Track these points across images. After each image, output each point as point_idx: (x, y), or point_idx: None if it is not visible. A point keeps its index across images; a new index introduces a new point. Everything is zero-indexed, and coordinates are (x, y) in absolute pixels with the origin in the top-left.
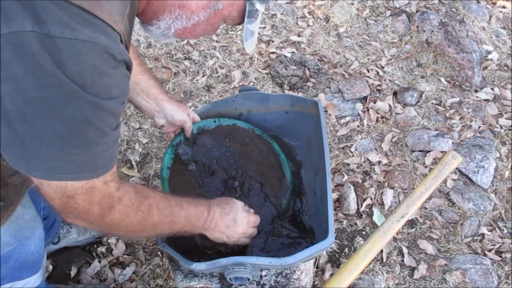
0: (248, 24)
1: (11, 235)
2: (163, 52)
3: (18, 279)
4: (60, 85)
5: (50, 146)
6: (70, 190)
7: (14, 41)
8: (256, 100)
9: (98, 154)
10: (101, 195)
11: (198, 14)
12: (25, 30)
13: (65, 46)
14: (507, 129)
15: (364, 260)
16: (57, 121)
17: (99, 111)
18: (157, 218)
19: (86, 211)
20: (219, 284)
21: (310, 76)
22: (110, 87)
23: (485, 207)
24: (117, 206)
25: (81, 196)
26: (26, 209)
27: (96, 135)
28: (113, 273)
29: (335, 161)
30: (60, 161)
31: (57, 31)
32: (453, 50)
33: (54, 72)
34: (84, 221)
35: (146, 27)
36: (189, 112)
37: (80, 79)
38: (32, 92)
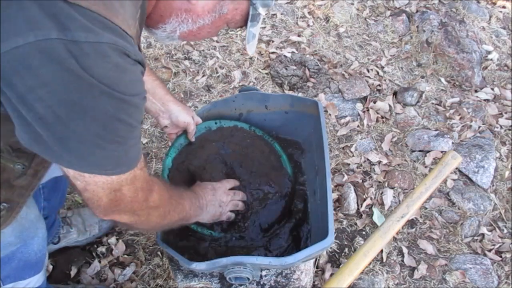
0: (250, 27)
1: (15, 235)
2: (163, 52)
3: (20, 279)
4: (89, 87)
5: (86, 145)
6: (117, 183)
7: (41, 49)
8: (256, 100)
9: (130, 148)
10: (142, 180)
11: (203, 17)
12: (51, 38)
13: (90, 49)
14: (507, 129)
15: (364, 260)
16: (90, 121)
17: (127, 107)
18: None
19: (133, 199)
20: (219, 284)
21: (310, 76)
22: (133, 84)
23: (485, 207)
24: (154, 187)
25: (126, 187)
26: (30, 209)
27: (127, 130)
28: (113, 273)
29: (335, 161)
30: (96, 159)
31: (81, 36)
32: (453, 50)
33: (82, 75)
34: (129, 212)
35: (151, 30)
36: (193, 114)
37: (107, 79)
38: (63, 96)
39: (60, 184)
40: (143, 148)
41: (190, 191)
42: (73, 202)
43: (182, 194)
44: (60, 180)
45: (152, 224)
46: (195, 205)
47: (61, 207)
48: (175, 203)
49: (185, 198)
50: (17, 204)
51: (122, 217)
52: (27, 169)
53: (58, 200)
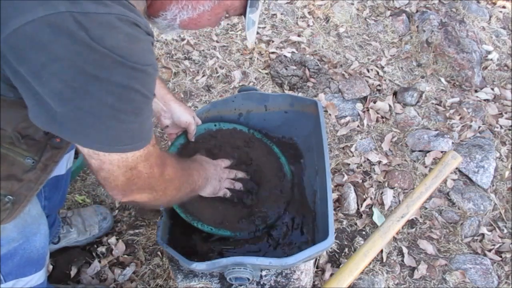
0: (250, 13)
1: (18, 231)
2: (163, 52)
3: (22, 276)
4: (101, 57)
5: (104, 117)
6: (132, 161)
7: (51, 23)
8: (255, 100)
9: (146, 120)
10: (155, 156)
11: (203, 3)
12: (60, 11)
13: (100, 20)
14: (507, 129)
15: (364, 260)
16: (105, 93)
17: (141, 77)
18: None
19: (150, 175)
20: (219, 284)
21: (310, 76)
22: (145, 53)
23: (485, 207)
24: (167, 161)
25: (141, 164)
26: (33, 204)
27: (142, 101)
28: (113, 273)
29: (335, 161)
30: (115, 131)
31: (91, 7)
32: (453, 50)
33: (93, 46)
34: (147, 189)
35: (152, 19)
36: (194, 115)
37: (119, 50)
38: (76, 69)
39: (61, 183)
40: None
41: (196, 162)
42: (73, 202)
43: (190, 165)
44: (61, 179)
45: (169, 198)
46: (202, 176)
47: (61, 207)
48: (187, 175)
49: (193, 169)
50: (24, 198)
51: (141, 195)
52: (37, 164)
53: (59, 199)
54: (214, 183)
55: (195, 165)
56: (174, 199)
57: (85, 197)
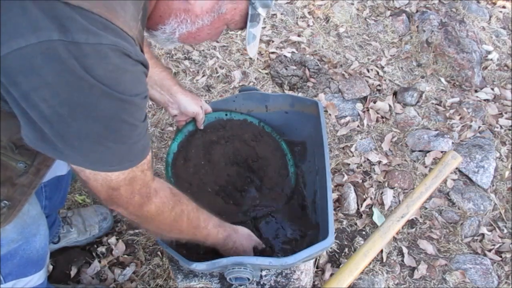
0: (250, 28)
1: (17, 232)
2: (163, 52)
3: (22, 276)
4: (90, 87)
5: (89, 143)
6: (115, 183)
7: (43, 50)
8: (256, 100)
9: (133, 145)
10: (141, 184)
11: (202, 18)
12: (52, 39)
13: (90, 51)
14: (507, 129)
15: (364, 260)
16: (91, 121)
17: (128, 107)
18: (185, 226)
19: (128, 201)
20: (219, 284)
21: (310, 76)
22: (133, 84)
23: (485, 207)
24: (154, 198)
25: (124, 188)
26: (32, 205)
27: (128, 129)
28: (113, 273)
29: (335, 161)
30: (100, 155)
31: (81, 37)
32: (453, 50)
33: (82, 76)
34: (126, 210)
35: (151, 32)
36: (202, 104)
37: (107, 80)
38: (65, 95)
39: (62, 183)
40: None
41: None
42: (73, 202)
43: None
44: (62, 179)
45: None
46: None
47: (61, 207)
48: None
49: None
50: (18, 202)
51: (122, 211)
52: (29, 168)
53: (60, 199)
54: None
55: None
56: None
57: (85, 197)
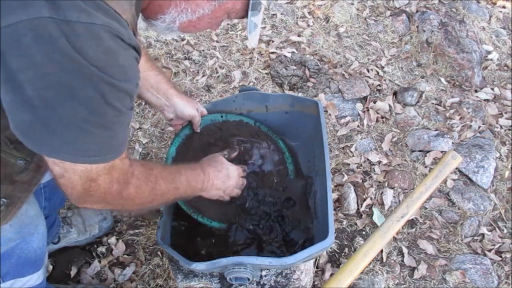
0: (252, 16)
1: (15, 231)
2: (163, 52)
3: (20, 276)
4: (79, 68)
5: (73, 129)
6: (95, 172)
7: (33, 27)
8: (256, 100)
9: (117, 134)
10: (119, 172)
11: (203, 6)
12: (42, 16)
13: (82, 30)
14: (507, 129)
15: (364, 260)
16: (77, 104)
17: (116, 92)
18: (163, 187)
19: (107, 191)
20: (219, 284)
21: (310, 76)
22: (125, 69)
23: (485, 207)
24: (131, 180)
25: (102, 177)
26: (30, 205)
27: (114, 115)
28: (113, 273)
29: (335, 161)
30: (83, 144)
31: (73, 16)
32: (453, 50)
33: (73, 56)
34: (102, 202)
35: (151, 21)
36: (198, 106)
37: (98, 62)
38: (52, 77)
39: None
40: (143, 148)
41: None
42: None
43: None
44: None
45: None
46: (195, 188)
47: (61, 207)
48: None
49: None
50: (18, 200)
51: (93, 206)
52: (29, 164)
53: (59, 200)
54: (213, 192)
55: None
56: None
57: None
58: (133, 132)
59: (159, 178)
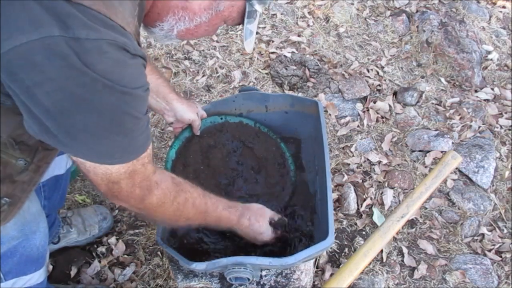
0: (247, 24)
1: (17, 229)
2: (163, 52)
3: (22, 274)
4: (92, 81)
5: (93, 136)
6: (115, 176)
7: (45, 46)
8: (256, 100)
9: (136, 137)
10: (141, 177)
11: (200, 15)
12: (53, 35)
13: (90, 46)
14: (507, 129)
15: (364, 260)
16: (96, 115)
17: (131, 100)
18: (192, 213)
19: (129, 194)
20: (219, 284)
21: (310, 76)
22: (134, 77)
23: (485, 207)
24: (155, 190)
25: (124, 181)
26: (32, 202)
27: (132, 122)
28: (113, 273)
29: (335, 161)
30: (104, 148)
31: (82, 33)
32: (453, 50)
33: (84, 71)
34: (127, 204)
35: (149, 29)
36: (197, 110)
37: (109, 74)
38: (68, 90)
39: (61, 182)
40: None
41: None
42: (73, 202)
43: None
44: (60, 178)
45: (155, 221)
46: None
47: (61, 207)
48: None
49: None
50: (19, 199)
51: (122, 204)
52: (29, 165)
53: (59, 199)
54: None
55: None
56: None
57: (85, 197)
58: None
59: (189, 203)
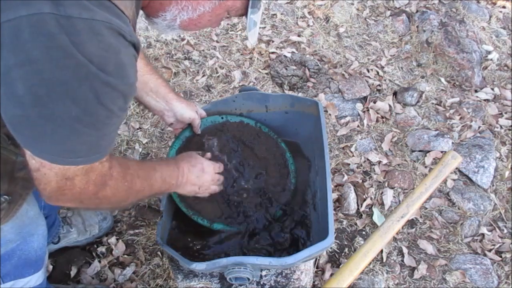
0: (251, 14)
1: (15, 232)
2: (163, 52)
3: (20, 277)
4: (76, 65)
5: (63, 128)
6: (72, 172)
7: (32, 23)
8: (256, 100)
9: (105, 135)
10: (97, 174)
11: (203, 4)
12: (43, 12)
13: (82, 26)
14: (507, 129)
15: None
16: (70, 102)
17: (111, 91)
18: (139, 185)
19: (82, 191)
20: (219, 284)
21: (310, 76)
22: (123, 68)
23: (485, 207)
24: (109, 182)
25: (79, 177)
26: (30, 205)
27: (106, 116)
28: (113, 273)
29: (335, 161)
30: (71, 144)
31: (74, 12)
32: (453, 50)
33: (71, 53)
34: (75, 201)
35: (152, 19)
36: (197, 109)
37: (96, 58)
38: (47, 74)
39: None
40: (143, 148)
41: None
42: None
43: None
44: None
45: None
46: (169, 183)
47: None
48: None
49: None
50: (20, 196)
51: (66, 204)
52: None
53: None
54: (189, 188)
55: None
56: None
57: None
58: (133, 132)
59: (135, 177)
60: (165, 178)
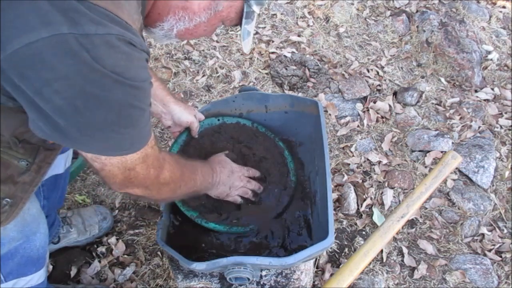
0: (245, 24)
1: (18, 230)
2: (163, 52)
3: (23, 275)
4: (101, 77)
5: (104, 131)
6: (130, 163)
7: (54, 44)
8: (256, 100)
9: (144, 127)
10: (153, 158)
11: (199, 15)
12: (63, 33)
13: (99, 42)
14: (507, 129)
15: (364, 260)
16: (105, 110)
17: (137, 93)
18: (187, 175)
19: (146, 176)
20: (219, 284)
21: (310, 76)
22: (141, 70)
23: (485, 207)
24: (165, 165)
25: (139, 166)
26: (32, 203)
27: (139, 114)
28: (113, 273)
29: (335, 161)
30: (115, 141)
31: (91, 29)
32: (453, 50)
33: (94, 67)
34: (143, 187)
35: (149, 29)
36: (195, 113)
37: (117, 68)
38: (78, 88)
39: (60, 182)
40: None
41: (206, 166)
42: (73, 202)
43: (196, 169)
44: (59, 177)
45: (164, 197)
46: (207, 181)
47: (60, 207)
48: (187, 179)
49: (197, 173)
50: (20, 200)
51: (135, 190)
52: (31, 166)
53: (58, 198)
54: (221, 189)
55: (203, 169)
56: (170, 199)
57: (85, 197)
58: None
59: (184, 166)
60: (204, 175)
